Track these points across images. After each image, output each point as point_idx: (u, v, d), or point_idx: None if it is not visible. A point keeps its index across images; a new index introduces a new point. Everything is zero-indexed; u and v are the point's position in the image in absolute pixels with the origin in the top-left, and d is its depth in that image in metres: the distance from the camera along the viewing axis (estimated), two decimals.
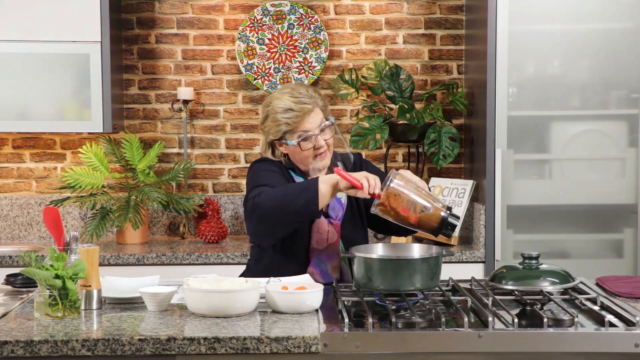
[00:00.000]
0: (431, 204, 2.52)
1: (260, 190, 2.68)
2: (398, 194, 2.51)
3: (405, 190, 2.51)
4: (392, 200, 2.51)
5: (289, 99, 2.79)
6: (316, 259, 2.81)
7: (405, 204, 2.51)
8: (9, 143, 4.35)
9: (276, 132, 2.81)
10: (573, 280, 2.52)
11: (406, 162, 4.39)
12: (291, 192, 2.62)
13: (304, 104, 2.78)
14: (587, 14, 3.89)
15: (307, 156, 2.81)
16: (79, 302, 2.37)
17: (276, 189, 2.66)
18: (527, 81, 3.93)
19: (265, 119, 2.84)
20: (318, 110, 2.81)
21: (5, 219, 4.34)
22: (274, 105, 2.80)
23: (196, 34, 4.38)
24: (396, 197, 2.50)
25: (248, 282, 2.43)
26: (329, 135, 2.82)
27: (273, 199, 2.62)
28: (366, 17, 4.39)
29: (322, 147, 2.80)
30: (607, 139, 3.92)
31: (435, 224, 2.52)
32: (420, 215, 2.51)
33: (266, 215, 2.63)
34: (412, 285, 2.46)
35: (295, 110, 2.77)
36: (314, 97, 2.81)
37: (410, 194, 2.51)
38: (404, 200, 2.50)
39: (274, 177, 2.78)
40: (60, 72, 4.02)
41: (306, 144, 2.79)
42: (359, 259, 2.51)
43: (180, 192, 4.37)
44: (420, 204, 2.51)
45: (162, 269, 3.74)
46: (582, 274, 2.75)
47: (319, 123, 2.80)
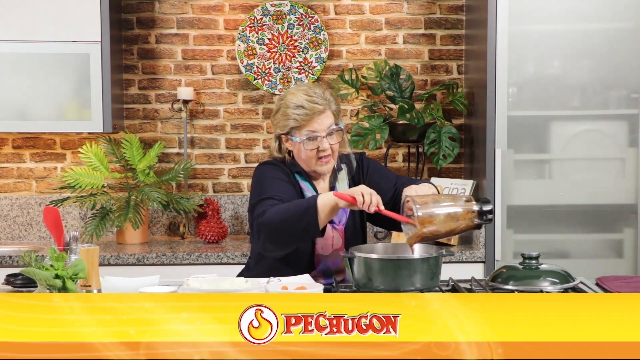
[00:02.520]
0: (461, 206, 2.50)
1: (264, 207, 2.69)
2: (430, 219, 2.47)
3: (433, 210, 2.48)
4: (429, 225, 2.48)
5: (303, 96, 2.79)
6: (322, 264, 2.82)
7: (441, 222, 2.48)
8: (9, 143, 4.35)
9: (284, 126, 2.81)
10: (573, 280, 2.52)
11: (406, 162, 4.39)
12: (292, 216, 2.62)
13: (316, 104, 2.78)
14: (587, 14, 3.89)
15: (309, 157, 2.80)
16: None
17: (278, 209, 2.66)
18: (527, 81, 3.93)
19: (277, 112, 2.84)
20: (329, 113, 2.80)
21: (5, 219, 4.34)
22: (287, 100, 2.81)
23: (196, 34, 4.38)
24: (430, 221, 2.47)
25: (248, 282, 2.43)
26: (335, 140, 2.81)
27: (275, 220, 2.64)
28: (366, 17, 4.39)
29: (326, 150, 2.79)
30: (607, 139, 3.92)
31: (476, 221, 2.51)
32: (460, 222, 2.49)
33: (271, 237, 2.67)
34: (412, 285, 2.46)
35: (305, 108, 2.77)
36: (329, 99, 2.81)
37: (439, 210, 2.48)
38: (439, 220, 2.48)
39: (280, 186, 2.78)
40: (60, 72, 4.02)
41: (310, 144, 2.78)
42: (359, 259, 2.51)
43: (180, 192, 4.37)
44: (452, 212, 2.49)
45: (162, 269, 3.74)
46: (582, 274, 2.75)
47: (328, 126, 2.79)
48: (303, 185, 2.85)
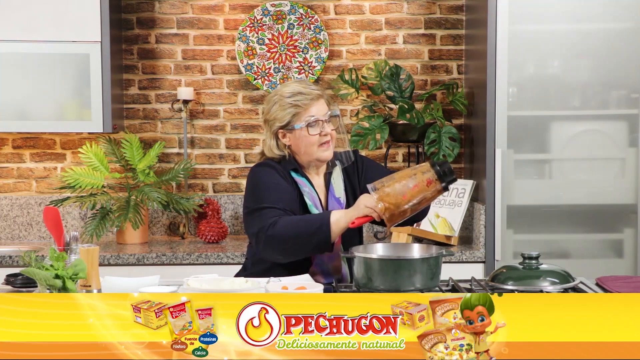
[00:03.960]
0: (417, 173, 2.59)
1: (269, 218, 2.70)
2: (387, 193, 2.57)
3: (391, 185, 2.59)
4: (391, 199, 2.56)
5: (297, 85, 2.84)
6: (318, 259, 2.82)
7: (400, 194, 2.56)
8: (9, 143, 4.36)
9: (283, 117, 2.82)
10: (573, 280, 2.52)
11: (406, 162, 4.39)
12: (304, 232, 2.66)
13: (313, 89, 2.83)
14: (587, 14, 3.89)
15: (312, 142, 2.82)
16: None
17: (289, 223, 2.68)
18: (527, 81, 3.93)
19: (272, 106, 2.85)
20: (323, 101, 2.85)
21: (5, 219, 4.34)
22: (282, 92, 2.84)
23: (196, 34, 4.38)
24: (389, 195, 2.57)
25: (248, 282, 2.43)
26: (333, 127, 2.86)
27: (287, 235, 2.67)
28: (366, 17, 4.39)
29: (327, 135, 2.83)
30: (607, 139, 3.92)
31: (439, 186, 2.58)
32: (421, 190, 2.58)
33: (281, 250, 2.70)
34: (412, 285, 2.46)
35: (304, 94, 2.81)
36: (322, 89, 2.88)
37: (395, 183, 2.58)
38: (398, 193, 2.56)
39: (279, 192, 2.78)
40: (60, 72, 4.02)
41: (313, 129, 2.81)
42: (359, 259, 2.51)
43: (180, 192, 4.37)
44: (410, 182, 2.58)
45: (162, 269, 3.74)
46: (582, 274, 2.75)
47: (325, 112, 2.84)
48: (299, 181, 2.85)
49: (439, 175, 2.58)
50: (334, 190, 2.90)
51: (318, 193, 2.87)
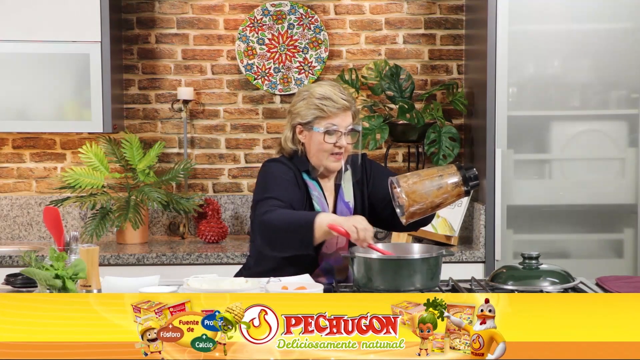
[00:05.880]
0: (443, 174, 2.57)
1: (268, 207, 2.70)
2: (413, 190, 2.55)
3: (418, 182, 2.56)
4: (416, 197, 2.55)
5: (331, 89, 2.83)
6: (325, 263, 2.82)
7: (425, 192, 2.55)
8: (9, 143, 4.36)
9: (305, 115, 2.82)
10: (573, 280, 2.52)
11: (406, 162, 4.39)
12: (290, 226, 2.65)
13: (343, 100, 2.81)
14: (587, 14, 3.89)
15: (325, 149, 2.81)
16: None
17: (281, 215, 2.68)
18: (527, 81, 3.93)
19: (300, 101, 2.85)
20: (350, 113, 2.83)
21: (5, 219, 4.34)
22: (314, 90, 2.83)
23: (196, 34, 4.38)
24: (415, 192, 2.55)
25: (248, 282, 2.43)
26: (351, 140, 2.84)
27: (275, 224, 2.66)
28: (366, 17, 4.39)
29: (342, 147, 2.82)
30: (607, 139, 3.92)
31: (462, 190, 2.57)
32: (445, 192, 2.56)
33: (267, 238, 2.70)
34: (412, 285, 2.46)
35: (333, 100, 2.80)
36: (352, 101, 2.85)
37: (424, 181, 2.56)
38: (423, 191, 2.55)
39: (286, 187, 2.78)
40: (60, 72, 4.02)
41: (330, 137, 2.80)
42: (359, 259, 2.52)
43: (180, 192, 4.37)
44: (435, 182, 2.56)
45: (162, 269, 3.74)
46: (582, 274, 2.75)
47: (348, 125, 2.82)
48: (310, 184, 2.85)
49: (464, 180, 2.57)
50: (344, 194, 2.90)
51: (327, 197, 2.87)
